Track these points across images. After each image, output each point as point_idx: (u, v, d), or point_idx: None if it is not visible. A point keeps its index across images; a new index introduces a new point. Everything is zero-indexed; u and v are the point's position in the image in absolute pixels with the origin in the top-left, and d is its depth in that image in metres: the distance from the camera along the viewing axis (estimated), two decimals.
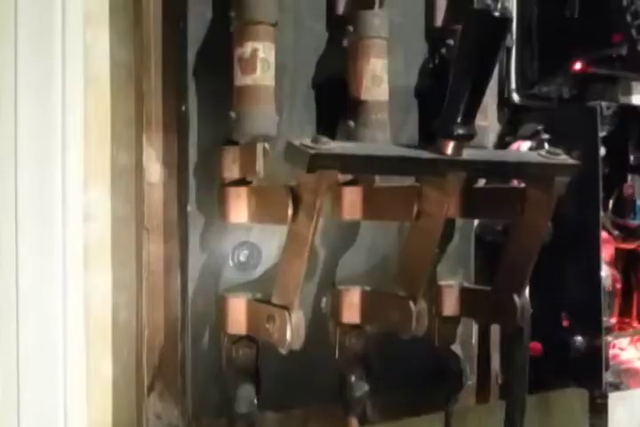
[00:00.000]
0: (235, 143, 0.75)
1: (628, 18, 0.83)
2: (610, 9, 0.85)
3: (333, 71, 0.80)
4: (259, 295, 0.76)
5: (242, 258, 0.78)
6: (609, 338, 0.91)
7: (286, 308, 0.69)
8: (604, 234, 0.89)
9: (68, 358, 0.77)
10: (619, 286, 0.93)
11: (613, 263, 0.93)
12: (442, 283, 0.86)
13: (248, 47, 0.72)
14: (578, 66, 0.91)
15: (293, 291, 0.69)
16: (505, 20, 0.63)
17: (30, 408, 0.76)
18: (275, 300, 0.71)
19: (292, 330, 0.69)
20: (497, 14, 0.62)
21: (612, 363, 0.92)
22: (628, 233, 0.92)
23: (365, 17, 0.77)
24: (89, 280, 0.78)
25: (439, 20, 0.86)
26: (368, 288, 0.81)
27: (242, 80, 0.72)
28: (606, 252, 0.91)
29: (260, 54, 0.72)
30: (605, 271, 0.90)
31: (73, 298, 0.77)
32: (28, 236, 0.75)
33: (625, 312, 0.98)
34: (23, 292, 0.75)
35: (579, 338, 0.89)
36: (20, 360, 0.75)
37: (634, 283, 0.98)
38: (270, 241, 0.78)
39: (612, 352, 0.93)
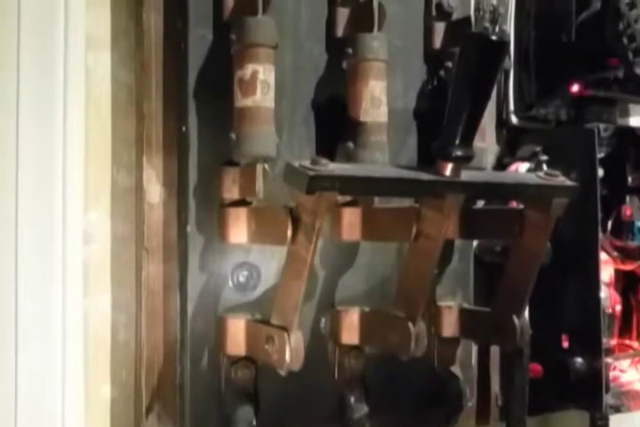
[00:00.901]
0: (235, 164, 0.76)
1: (625, 41, 0.84)
2: (606, 32, 0.86)
3: (333, 93, 0.81)
4: (258, 316, 0.76)
5: (241, 279, 0.78)
6: (609, 360, 0.91)
7: (285, 329, 0.69)
8: (603, 255, 0.89)
9: (66, 378, 0.76)
10: (618, 307, 0.93)
11: (613, 285, 0.93)
12: (441, 304, 0.86)
13: (248, 69, 0.73)
14: (575, 88, 0.92)
15: (292, 312, 0.69)
16: (502, 44, 0.63)
17: None
18: (274, 321, 0.71)
19: (291, 351, 0.69)
20: (494, 38, 0.62)
21: (612, 385, 0.91)
22: (626, 254, 0.92)
23: (364, 40, 0.78)
24: (88, 300, 0.78)
25: (437, 42, 0.87)
26: (367, 309, 0.81)
27: (242, 102, 0.73)
28: (606, 273, 0.91)
29: (261, 76, 0.72)
30: (605, 293, 0.90)
31: (72, 318, 0.77)
32: (28, 256, 0.75)
33: (625, 334, 0.97)
34: (22, 311, 0.75)
35: (579, 360, 0.89)
36: (19, 380, 0.75)
37: (633, 304, 0.97)
38: (270, 262, 0.78)
39: (612, 374, 0.93)
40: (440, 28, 0.87)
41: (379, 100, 0.78)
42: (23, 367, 0.75)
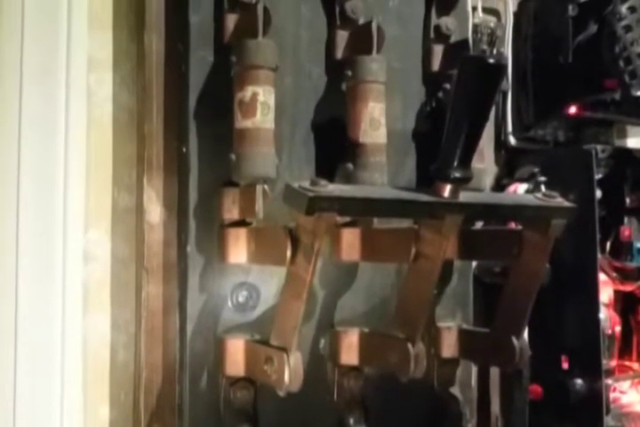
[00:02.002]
0: (235, 185, 0.76)
1: (621, 63, 0.85)
2: (603, 55, 0.86)
3: (332, 114, 0.81)
4: (257, 336, 0.76)
5: (240, 299, 0.78)
6: (609, 381, 0.90)
7: (284, 349, 0.69)
8: (602, 276, 0.89)
9: (65, 399, 0.76)
10: (618, 328, 0.93)
11: (612, 305, 0.93)
12: (440, 325, 0.86)
13: (248, 91, 0.73)
14: (572, 110, 0.92)
15: (292, 332, 0.69)
16: (499, 67, 0.64)
17: None
18: (273, 341, 0.71)
19: (290, 372, 0.69)
20: (491, 61, 0.63)
21: (612, 406, 0.91)
22: (625, 275, 0.92)
23: (363, 62, 0.79)
24: (88, 320, 0.78)
25: (436, 64, 0.88)
26: (366, 330, 0.81)
27: (242, 123, 0.73)
28: (605, 294, 0.91)
29: (260, 98, 0.73)
30: (604, 314, 0.90)
31: (72, 338, 0.77)
32: (29, 274, 0.76)
33: (624, 355, 0.97)
34: (22, 330, 0.75)
35: (579, 381, 0.89)
36: (17, 400, 0.75)
37: (633, 325, 0.97)
38: (269, 282, 0.78)
39: (612, 396, 0.92)
40: (438, 50, 0.88)
41: (378, 121, 0.78)
42: (22, 387, 0.75)
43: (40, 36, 0.77)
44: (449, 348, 0.85)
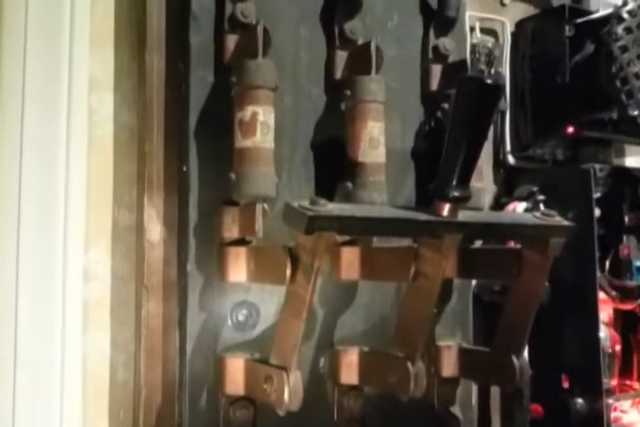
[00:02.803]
0: (234, 204, 0.76)
1: (618, 83, 0.85)
2: (600, 75, 0.87)
3: (331, 134, 0.82)
4: (257, 355, 0.76)
5: (240, 318, 0.78)
6: (610, 400, 0.90)
7: (284, 368, 0.69)
8: (601, 295, 0.89)
9: (64, 417, 0.76)
10: (618, 347, 0.93)
11: (612, 324, 0.92)
12: (440, 343, 0.86)
13: (248, 111, 0.74)
14: (570, 129, 0.93)
15: (291, 351, 0.69)
16: (497, 87, 0.64)
17: None
18: (273, 360, 0.71)
19: (289, 391, 0.68)
20: (489, 81, 0.64)
21: (613, 426, 0.90)
22: (625, 294, 0.92)
23: (362, 82, 0.79)
24: (87, 339, 0.78)
25: (434, 84, 0.88)
26: (366, 349, 0.80)
27: (242, 142, 0.74)
28: (605, 312, 0.91)
29: (260, 118, 0.73)
30: (604, 332, 0.89)
31: (71, 357, 0.76)
32: (29, 293, 0.76)
33: (625, 374, 0.97)
34: (21, 349, 0.75)
35: (579, 400, 0.88)
36: (16, 418, 0.75)
37: (633, 344, 0.97)
38: (269, 301, 0.78)
39: (613, 415, 0.92)
40: (437, 70, 0.88)
41: (377, 140, 0.79)
42: (21, 404, 0.75)
43: (42, 56, 0.78)
44: (449, 367, 0.84)
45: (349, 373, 0.80)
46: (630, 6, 0.86)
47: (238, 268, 0.76)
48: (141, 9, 0.80)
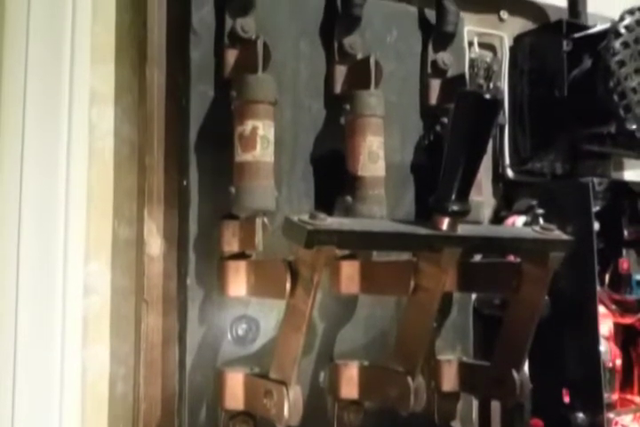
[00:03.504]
0: (234, 217, 0.76)
1: (616, 98, 0.86)
2: (598, 89, 0.87)
3: (331, 148, 0.82)
4: (257, 370, 0.76)
5: (240, 332, 0.78)
6: (611, 415, 0.90)
7: (284, 383, 0.69)
8: (601, 309, 0.89)
9: None
10: (619, 361, 0.92)
11: (612, 338, 0.92)
12: (440, 358, 0.85)
13: (248, 125, 0.74)
14: (569, 143, 0.93)
15: (291, 366, 0.69)
16: (495, 102, 0.65)
17: None
18: (272, 374, 0.71)
19: (289, 405, 0.68)
20: (487, 96, 0.64)
21: None
22: (625, 308, 0.92)
23: (362, 96, 0.80)
24: (87, 352, 0.78)
25: (433, 98, 0.88)
26: (366, 363, 0.80)
27: (242, 156, 0.74)
28: (605, 326, 0.90)
29: (260, 132, 0.74)
30: (605, 346, 0.89)
31: (70, 370, 0.76)
32: (28, 306, 0.76)
33: (626, 388, 0.96)
34: (21, 363, 0.75)
35: (580, 415, 0.88)
36: None
37: (634, 358, 0.96)
38: (269, 315, 0.78)
39: None
40: (436, 84, 0.89)
41: (376, 154, 0.79)
42: (20, 418, 0.74)
43: (43, 70, 0.78)
44: (449, 381, 0.84)
45: (349, 387, 0.80)
46: (627, 21, 0.87)
47: (238, 282, 0.76)
48: (142, 24, 0.80)
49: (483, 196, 0.88)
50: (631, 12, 0.88)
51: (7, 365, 0.74)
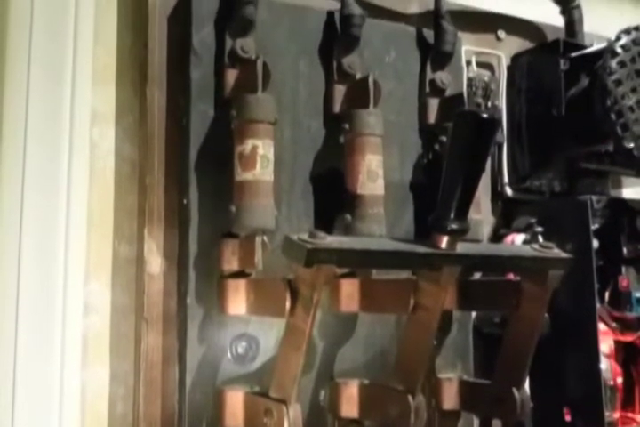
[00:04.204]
0: (234, 236, 0.77)
1: (613, 116, 0.86)
2: (595, 108, 0.88)
3: (330, 166, 0.83)
4: (256, 388, 0.75)
5: (240, 350, 0.78)
6: None
7: (284, 401, 0.69)
8: (601, 326, 0.89)
9: None
10: (620, 379, 0.92)
11: (613, 356, 0.92)
12: (441, 376, 0.85)
13: (248, 144, 0.74)
14: (567, 161, 0.94)
15: (291, 384, 0.69)
16: (493, 121, 0.65)
17: None
18: (272, 393, 0.71)
19: (289, 424, 0.68)
20: (485, 116, 0.64)
21: None
22: (625, 325, 0.92)
23: (361, 115, 0.80)
24: (86, 372, 0.77)
25: (432, 117, 0.89)
26: (366, 381, 0.80)
27: (242, 175, 0.74)
28: (605, 344, 0.90)
29: (260, 151, 0.74)
30: (605, 364, 0.89)
31: (70, 389, 0.76)
32: (28, 326, 0.76)
33: (627, 406, 0.96)
34: (20, 382, 0.74)
35: None
36: None
37: (635, 376, 0.96)
38: (268, 333, 0.78)
39: None
40: (434, 103, 0.89)
41: (375, 173, 0.79)
42: None
43: (45, 91, 0.79)
44: (450, 400, 0.84)
45: (350, 406, 0.79)
46: (623, 41, 0.87)
47: (238, 300, 0.76)
48: (143, 45, 0.81)
49: (482, 214, 0.88)
50: (627, 31, 0.88)
51: (7, 384, 0.74)
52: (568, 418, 0.89)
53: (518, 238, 0.92)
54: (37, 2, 0.79)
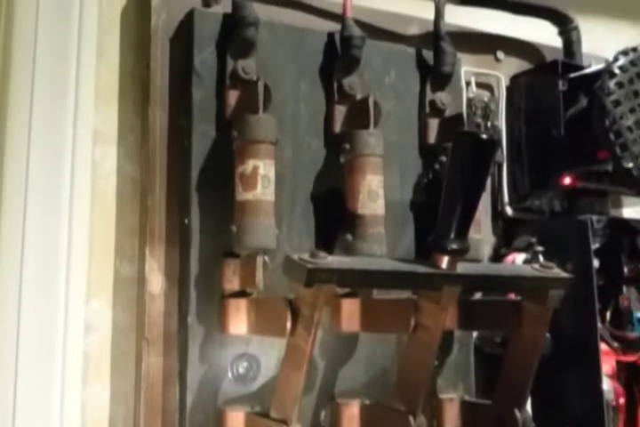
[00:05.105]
0: (235, 256, 0.77)
1: (612, 136, 0.87)
2: (594, 128, 0.88)
3: (331, 186, 0.83)
4: (257, 408, 0.75)
5: (241, 370, 0.78)
6: None
7: (285, 422, 0.68)
8: (603, 346, 0.88)
9: None
10: (622, 399, 0.91)
11: (615, 376, 0.91)
12: (442, 396, 0.85)
13: (249, 164, 0.75)
14: (567, 181, 0.94)
15: (292, 404, 0.69)
16: (492, 142, 0.66)
17: None
18: (273, 413, 0.71)
19: None
20: (484, 136, 0.65)
21: None
22: (627, 345, 0.91)
23: (361, 136, 0.81)
24: (87, 392, 0.77)
25: (432, 137, 0.90)
26: (367, 402, 0.80)
27: (243, 195, 0.75)
28: (608, 364, 0.89)
29: (261, 171, 0.75)
30: (607, 385, 0.88)
31: (70, 409, 0.76)
32: (29, 344, 0.75)
33: None
34: (21, 402, 0.74)
35: None
36: None
37: (637, 397, 0.95)
38: (269, 353, 0.78)
39: None
40: (434, 123, 0.90)
41: (376, 193, 0.80)
42: None
43: (48, 110, 0.80)
44: (451, 420, 0.84)
45: (351, 426, 0.79)
46: (621, 62, 0.88)
47: (239, 320, 0.76)
48: (145, 66, 0.82)
49: (482, 233, 0.88)
50: (625, 53, 0.89)
51: (7, 403, 0.74)
52: None
53: (519, 258, 0.92)
54: (41, 21, 0.80)
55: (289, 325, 0.68)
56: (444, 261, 0.69)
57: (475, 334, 0.90)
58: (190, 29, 0.80)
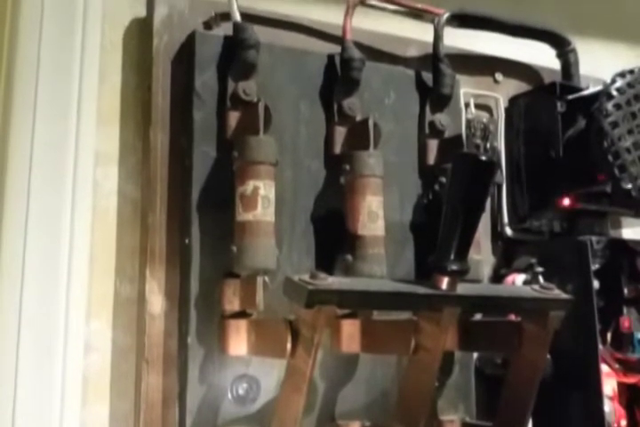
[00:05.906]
0: (235, 276, 0.77)
1: (610, 158, 0.87)
2: (592, 149, 0.89)
3: (331, 207, 0.83)
4: None
5: (241, 391, 0.77)
6: None
7: None
8: (604, 368, 0.88)
9: None
10: (624, 421, 0.91)
11: (617, 398, 0.91)
12: (443, 418, 0.85)
13: (249, 185, 0.75)
14: (566, 202, 0.94)
15: (292, 426, 0.68)
16: (491, 163, 0.66)
17: None
18: None
19: None
20: (483, 158, 0.65)
21: None
22: (628, 367, 0.91)
23: (361, 157, 0.81)
24: (86, 412, 0.77)
25: (431, 158, 0.90)
26: (368, 423, 0.79)
27: (243, 216, 0.75)
28: (609, 386, 0.89)
29: (261, 192, 0.75)
30: (609, 406, 0.88)
31: None
32: (28, 365, 0.75)
33: None
34: (19, 422, 0.74)
35: None
36: None
37: (639, 418, 0.95)
38: (269, 374, 0.78)
39: None
40: (433, 145, 0.90)
41: (376, 214, 0.80)
42: None
43: (50, 131, 0.80)
44: None
45: None
46: (619, 84, 0.89)
47: (239, 341, 0.76)
48: (147, 87, 0.82)
49: (482, 254, 0.88)
50: (622, 74, 0.90)
51: (6, 424, 0.74)
52: None
53: (519, 279, 0.92)
54: (44, 43, 0.81)
55: (289, 346, 0.68)
56: (444, 282, 0.69)
57: (475, 355, 0.90)
58: (192, 51, 0.81)
